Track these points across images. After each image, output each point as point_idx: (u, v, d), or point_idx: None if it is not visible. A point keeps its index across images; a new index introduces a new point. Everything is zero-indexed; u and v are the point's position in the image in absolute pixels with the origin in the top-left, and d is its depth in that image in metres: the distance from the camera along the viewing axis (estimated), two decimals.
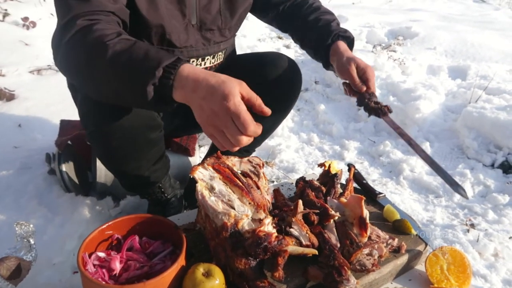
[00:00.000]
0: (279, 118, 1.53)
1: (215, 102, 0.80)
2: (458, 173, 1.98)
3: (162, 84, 0.82)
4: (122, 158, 1.18)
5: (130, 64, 0.84)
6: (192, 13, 1.17)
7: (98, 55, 0.86)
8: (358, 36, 4.33)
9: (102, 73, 0.87)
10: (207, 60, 1.30)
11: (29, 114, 2.18)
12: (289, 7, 1.46)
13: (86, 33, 0.88)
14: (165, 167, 1.35)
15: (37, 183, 1.61)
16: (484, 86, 2.70)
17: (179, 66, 0.82)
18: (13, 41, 2.86)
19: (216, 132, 0.84)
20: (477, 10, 8.89)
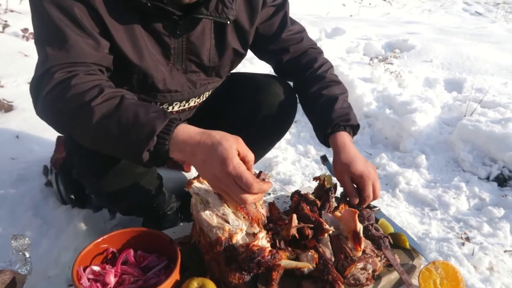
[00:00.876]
0: (273, 140, 1.51)
1: (215, 167, 0.81)
2: (454, 186, 1.99)
3: (157, 149, 0.83)
4: (110, 193, 1.17)
5: (120, 131, 0.83)
6: (177, 59, 1.13)
7: (84, 117, 0.84)
8: (356, 48, 4.39)
9: (89, 134, 0.87)
10: (191, 101, 1.26)
11: (27, 125, 2.19)
12: (291, 60, 1.32)
13: (65, 89, 0.86)
14: (158, 188, 1.33)
15: (33, 195, 1.62)
16: (479, 99, 2.73)
17: (172, 130, 0.83)
18: (12, 52, 2.89)
19: (222, 192, 0.87)
20: (473, 23, 9.01)
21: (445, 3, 14.04)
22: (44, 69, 0.89)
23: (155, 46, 1.08)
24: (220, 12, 1.07)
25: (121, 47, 1.00)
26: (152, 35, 1.06)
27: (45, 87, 0.87)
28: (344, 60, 3.94)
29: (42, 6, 0.91)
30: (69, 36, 0.90)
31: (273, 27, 1.26)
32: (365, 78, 3.24)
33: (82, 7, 0.93)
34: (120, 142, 0.84)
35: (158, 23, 1.05)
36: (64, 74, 0.88)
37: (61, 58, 0.89)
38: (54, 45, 0.90)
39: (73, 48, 0.90)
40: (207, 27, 1.13)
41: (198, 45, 1.14)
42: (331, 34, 4.97)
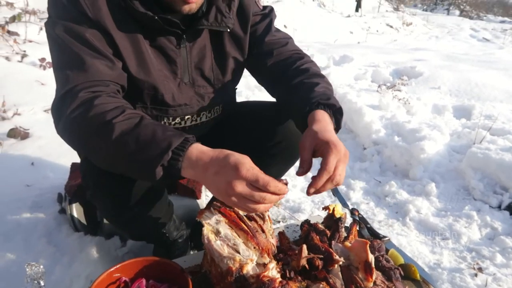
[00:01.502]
0: (285, 167, 1.51)
1: (229, 174, 0.83)
2: (465, 215, 1.98)
3: (170, 165, 0.86)
4: (122, 217, 1.19)
5: (138, 146, 0.87)
6: (184, 72, 1.17)
7: (104, 134, 0.88)
8: (363, 75, 4.44)
9: (108, 151, 0.90)
10: (203, 115, 1.29)
11: (42, 153, 2.24)
12: (275, 64, 1.29)
13: (88, 108, 0.90)
14: (168, 214, 1.35)
15: (47, 222, 1.64)
16: (488, 126, 2.73)
17: (187, 148, 0.86)
18: (30, 81, 2.98)
19: (239, 201, 0.86)
20: (481, 49, 9.08)
21: (452, 30, 14.20)
22: (66, 89, 0.95)
23: (161, 61, 1.13)
24: (219, 21, 1.14)
25: (128, 63, 1.06)
26: (158, 50, 1.12)
27: (68, 106, 0.92)
28: (352, 87, 3.98)
29: (56, 34, 0.98)
30: (86, 59, 0.97)
31: (257, 32, 1.30)
32: (373, 105, 3.27)
33: (94, 31, 0.99)
34: (136, 157, 0.87)
35: (162, 38, 1.10)
36: (88, 94, 0.94)
37: (81, 78, 0.95)
38: (73, 67, 0.96)
39: (91, 68, 0.96)
40: (206, 39, 1.20)
41: (201, 58, 1.19)
42: (339, 62, 5.05)
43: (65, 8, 0.99)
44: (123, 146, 0.88)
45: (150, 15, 1.02)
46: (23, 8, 3.87)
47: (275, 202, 0.89)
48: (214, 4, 1.13)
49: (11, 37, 3.33)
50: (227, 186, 0.83)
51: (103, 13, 1.00)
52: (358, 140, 2.90)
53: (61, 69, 0.99)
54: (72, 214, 1.59)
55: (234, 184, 0.82)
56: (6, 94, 2.67)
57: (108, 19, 1.01)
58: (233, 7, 1.17)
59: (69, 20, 0.98)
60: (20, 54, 3.19)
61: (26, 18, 3.68)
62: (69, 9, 0.99)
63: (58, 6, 1.00)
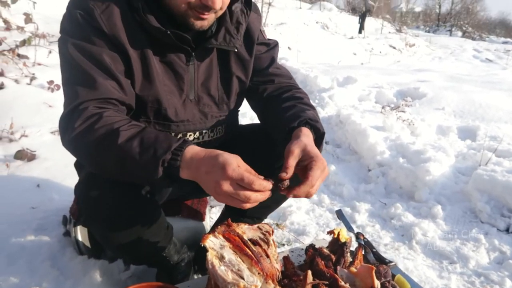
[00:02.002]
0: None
1: (217, 174, 0.88)
2: (472, 238, 1.95)
3: (170, 165, 0.91)
4: (117, 242, 1.18)
5: (141, 148, 0.92)
6: (190, 89, 1.21)
7: (111, 140, 0.93)
8: (367, 96, 4.47)
9: (114, 156, 0.94)
10: (205, 134, 1.31)
11: (48, 174, 2.26)
12: (272, 92, 1.33)
13: (97, 120, 0.95)
14: (167, 238, 1.33)
15: (51, 245, 1.64)
16: (493, 147, 2.73)
17: (184, 148, 0.92)
18: (37, 103, 3.03)
19: (227, 199, 0.91)
20: (484, 70, 9.13)
21: (455, 50, 14.33)
22: (75, 104, 0.99)
23: (169, 77, 1.16)
24: (228, 41, 1.20)
25: (136, 77, 1.10)
26: (167, 65, 1.16)
27: (76, 120, 0.96)
28: (356, 108, 4.00)
29: (69, 53, 1.02)
30: (96, 77, 1.01)
31: (261, 62, 1.35)
32: (377, 126, 3.28)
33: (107, 50, 1.03)
34: (140, 158, 0.92)
35: (172, 54, 1.14)
36: (96, 108, 0.98)
37: (90, 95, 1.00)
38: (82, 84, 1.01)
39: (101, 87, 1.01)
40: (214, 58, 1.24)
41: (207, 76, 1.23)
42: (343, 83, 5.09)
43: (80, 26, 1.03)
44: (129, 149, 0.92)
45: (163, 30, 1.06)
46: (33, 32, 3.95)
47: (261, 200, 0.94)
48: (223, 25, 1.18)
49: (20, 60, 3.40)
50: (216, 185, 0.89)
51: (118, 28, 1.04)
52: (362, 161, 2.89)
53: (71, 85, 1.03)
54: (76, 237, 1.59)
55: (221, 184, 0.88)
56: (15, 116, 2.71)
57: (122, 34, 1.05)
58: (241, 30, 1.22)
59: (82, 39, 1.02)
60: (29, 77, 3.25)
61: (36, 41, 3.76)
62: (84, 26, 1.02)
63: (73, 23, 1.04)
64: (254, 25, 1.29)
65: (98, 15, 1.02)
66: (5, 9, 3.98)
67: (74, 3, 1.06)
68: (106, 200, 1.07)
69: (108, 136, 0.94)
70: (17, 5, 3.85)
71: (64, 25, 1.07)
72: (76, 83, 1.01)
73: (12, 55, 3.34)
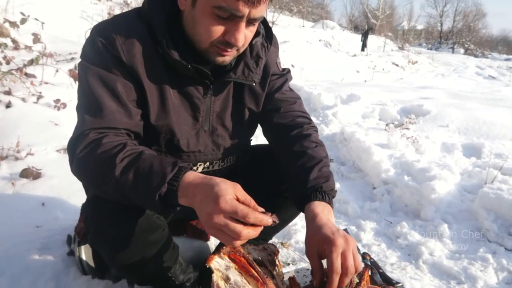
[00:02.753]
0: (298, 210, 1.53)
1: (209, 204, 0.85)
2: (480, 258, 1.93)
3: (167, 196, 0.90)
4: (123, 262, 1.17)
5: (136, 181, 0.93)
6: (205, 120, 1.21)
7: (108, 170, 0.95)
8: (371, 114, 4.48)
9: (112, 186, 0.96)
10: (215, 164, 1.31)
11: (53, 193, 2.26)
12: (280, 122, 1.32)
13: (95, 146, 0.98)
14: (173, 257, 1.32)
15: (55, 264, 1.63)
16: (499, 165, 2.71)
17: (181, 177, 0.91)
18: (44, 121, 3.05)
19: (217, 232, 0.87)
20: (487, 87, 9.16)
21: (457, 67, 14.41)
22: (80, 131, 1.02)
23: (185, 108, 1.17)
24: (246, 75, 1.19)
25: (151, 108, 1.11)
26: (184, 97, 1.16)
27: (79, 146, 0.99)
28: (360, 126, 4.01)
29: (87, 79, 1.05)
30: (105, 106, 1.03)
31: (270, 87, 1.34)
32: (381, 144, 3.28)
33: (123, 79, 1.05)
34: (137, 190, 0.93)
35: (190, 86, 1.15)
36: (96, 134, 1.01)
37: (96, 124, 1.02)
38: (91, 113, 1.03)
39: (107, 116, 1.03)
40: (230, 90, 1.25)
41: (223, 108, 1.24)
42: (347, 100, 5.11)
43: (100, 53, 1.05)
44: (125, 181, 0.93)
45: (185, 64, 1.07)
46: (41, 51, 4.02)
47: (254, 237, 0.89)
48: (243, 59, 1.18)
49: (28, 79, 3.44)
50: (208, 217, 0.85)
51: (136, 59, 1.06)
52: (367, 179, 2.88)
53: (81, 111, 1.05)
54: (81, 257, 1.58)
55: (212, 216, 0.84)
56: (21, 134, 2.73)
57: (140, 66, 1.06)
58: (261, 64, 1.23)
59: (100, 66, 1.04)
60: (36, 95, 3.29)
61: (43, 60, 3.82)
62: (104, 54, 1.04)
63: (94, 50, 1.06)
64: (271, 58, 1.30)
65: (119, 45, 1.04)
66: (14, 29, 4.06)
67: (97, 30, 1.08)
68: (114, 220, 1.07)
69: (107, 166, 0.95)
70: (25, 25, 3.93)
71: (85, 51, 1.09)
72: (86, 111, 1.04)
73: (20, 74, 3.39)
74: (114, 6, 7.80)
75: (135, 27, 1.08)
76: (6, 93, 3.16)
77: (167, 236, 1.26)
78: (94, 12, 7.00)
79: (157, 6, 1.08)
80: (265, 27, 1.25)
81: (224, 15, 0.98)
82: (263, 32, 1.22)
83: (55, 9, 6.62)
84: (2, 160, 2.54)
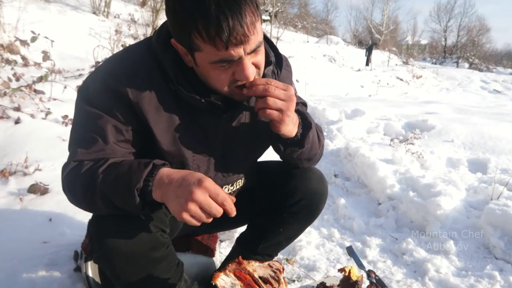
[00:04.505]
0: (304, 225, 1.51)
1: (191, 185, 0.93)
2: (487, 275, 1.91)
3: (143, 192, 0.97)
4: (127, 280, 1.18)
5: (116, 182, 0.99)
6: (217, 148, 1.22)
7: (92, 183, 1.01)
8: (376, 128, 4.49)
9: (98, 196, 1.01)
10: (224, 188, 1.32)
11: (60, 208, 2.28)
12: None
13: (80, 167, 1.04)
14: (178, 274, 1.32)
15: (62, 280, 1.64)
16: (505, 181, 2.70)
17: (155, 173, 0.98)
18: (52, 137, 3.10)
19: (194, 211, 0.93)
20: (492, 101, 9.15)
21: (462, 82, 14.42)
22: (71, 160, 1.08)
23: (198, 138, 1.18)
24: None
25: (162, 141, 1.12)
26: (197, 127, 1.16)
27: (63, 173, 1.08)
28: (364, 141, 4.02)
29: (81, 115, 1.10)
30: (97, 141, 1.07)
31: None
32: (386, 159, 3.28)
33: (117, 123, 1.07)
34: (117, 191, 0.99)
35: (203, 117, 1.15)
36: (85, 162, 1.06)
37: (87, 155, 1.07)
38: (83, 145, 1.08)
39: (99, 149, 1.07)
40: (244, 118, 1.24)
41: (235, 135, 1.24)
42: (351, 115, 5.13)
43: (103, 89, 1.06)
44: (108, 186, 1.00)
45: (198, 98, 1.07)
46: (50, 67, 4.10)
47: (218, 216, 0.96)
48: None
49: (37, 95, 3.51)
50: (188, 195, 0.92)
51: (143, 96, 1.06)
52: (372, 195, 2.88)
53: (73, 144, 1.10)
54: (87, 273, 1.59)
55: (195, 192, 0.92)
56: (29, 150, 2.77)
57: (147, 103, 1.07)
58: None
59: (100, 106, 1.06)
60: (44, 111, 3.34)
61: (52, 77, 3.89)
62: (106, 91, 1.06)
63: (100, 84, 1.08)
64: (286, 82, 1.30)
65: (127, 83, 1.05)
66: (25, 47, 4.15)
67: (108, 67, 1.10)
68: (118, 238, 1.09)
69: (90, 180, 1.01)
70: (35, 42, 4.02)
71: (88, 84, 1.11)
72: (78, 143, 1.09)
73: (29, 91, 3.46)
74: (122, 24, 7.95)
75: (145, 64, 1.08)
76: (15, 109, 3.22)
77: (171, 253, 1.27)
78: (102, 29, 7.13)
79: (166, 43, 1.06)
80: (275, 53, 1.23)
81: (224, 64, 0.99)
82: (274, 60, 1.21)
83: (64, 26, 6.76)
84: (11, 175, 2.57)
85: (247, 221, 1.59)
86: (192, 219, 0.94)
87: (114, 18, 8.98)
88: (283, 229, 1.48)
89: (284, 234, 1.50)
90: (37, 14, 6.47)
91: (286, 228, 1.50)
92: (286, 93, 1.07)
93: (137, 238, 1.12)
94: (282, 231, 1.48)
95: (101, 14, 8.99)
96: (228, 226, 1.78)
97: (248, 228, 1.60)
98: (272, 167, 1.50)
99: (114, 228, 1.10)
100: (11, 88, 3.38)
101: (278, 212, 1.42)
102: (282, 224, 1.47)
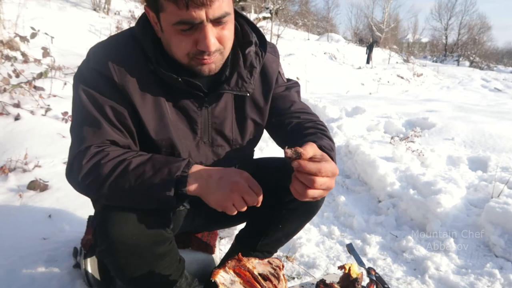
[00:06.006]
0: (303, 221, 1.51)
1: (234, 176, 1.02)
2: (487, 273, 1.91)
3: (178, 182, 1.00)
4: (130, 274, 1.18)
5: (154, 170, 1.01)
6: (204, 132, 1.23)
7: (122, 169, 1.01)
8: (376, 126, 4.48)
9: (126, 184, 1.01)
10: None
11: (60, 205, 2.28)
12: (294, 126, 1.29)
13: (103, 156, 1.03)
14: (179, 271, 1.32)
15: (61, 277, 1.64)
16: (505, 179, 2.70)
17: (190, 167, 1.03)
18: (51, 134, 3.09)
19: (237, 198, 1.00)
20: (493, 99, 9.14)
21: (463, 80, 14.41)
22: (82, 147, 1.05)
23: (182, 122, 1.19)
24: (240, 86, 1.21)
25: (148, 125, 1.14)
26: (180, 111, 1.18)
27: (82, 159, 1.03)
28: (365, 139, 4.01)
29: (80, 99, 1.09)
30: (102, 123, 1.07)
31: (284, 102, 1.34)
32: (387, 157, 3.28)
33: (113, 103, 1.09)
34: (155, 180, 1.00)
35: (185, 100, 1.17)
36: (97, 147, 1.05)
37: (95, 139, 1.06)
38: (89, 129, 1.07)
39: (106, 131, 1.07)
40: (229, 102, 1.25)
41: (222, 119, 1.25)
42: (352, 113, 5.13)
43: (93, 74, 1.09)
44: (142, 174, 1.01)
45: (175, 77, 1.09)
46: (50, 64, 4.09)
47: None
48: (236, 70, 1.19)
49: (37, 92, 3.50)
50: (232, 185, 1.00)
51: (128, 79, 1.09)
52: (372, 192, 2.88)
53: (78, 130, 1.08)
54: (86, 269, 1.59)
55: (239, 182, 1.01)
56: (29, 147, 2.77)
57: (132, 85, 1.09)
58: (255, 74, 1.23)
59: (94, 88, 1.08)
60: (44, 108, 3.33)
61: (52, 73, 3.88)
62: (95, 76, 1.08)
63: (89, 70, 1.10)
64: (272, 68, 1.30)
65: (111, 65, 1.07)
66: (24, 43, 4.13)
67: (94, 52, 1.12)
68: (122, 232, 1.08)
69: (119, 166, 1.01)
70: (35, 39, 4.01)
71: (81, 70, 1.13)
72: (83, 128, 1.07)
73: (29, 87, 3.45)
74: (122, 20, 7.93)
75: (127, 46, 1.12)
76: (15, 106, 3.21)
77: (174, 249, 1.27)
78: (102, 26, 7.12)
79: (146, 26, 1.10)
80: (258, 35, 1.23)
81: (185, 27, 1.00)
82: (255, 40, 1.22)
83: (64, 23, 6.75)
84: (10, 172, 2.57)
85: (247, 218, 1.58)
86: (233, 208, 1.01)
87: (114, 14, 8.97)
88: (282, 225, 1.48)
89: (283, 231, 1.49)
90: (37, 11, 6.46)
91: (285, 225, 1.50)
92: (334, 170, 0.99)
93: (142, 232, 1.11)
94: (281, 228, 1.48)
95: (102, 10, 8.97)
96: (228, 224, 1.78)
97: (247, 225, 1.60)
98: (271, 163, 1.49)
99: (119, 220, 1.10)
100: (11, 85, 3.37)
101: (277, 208, 1.41)
102: (281, 221, 1.47)
